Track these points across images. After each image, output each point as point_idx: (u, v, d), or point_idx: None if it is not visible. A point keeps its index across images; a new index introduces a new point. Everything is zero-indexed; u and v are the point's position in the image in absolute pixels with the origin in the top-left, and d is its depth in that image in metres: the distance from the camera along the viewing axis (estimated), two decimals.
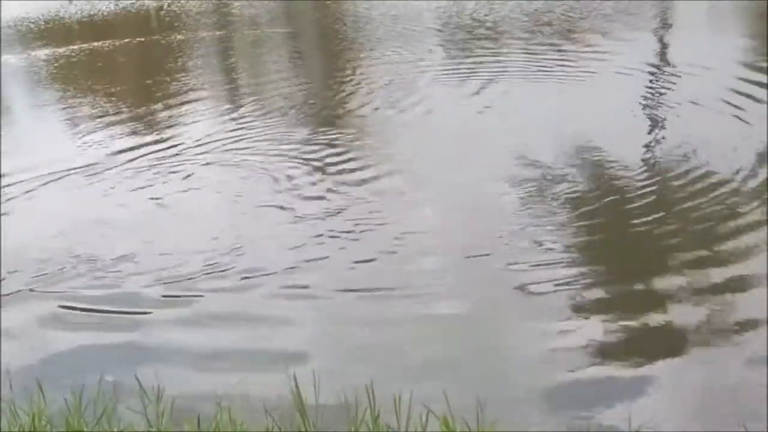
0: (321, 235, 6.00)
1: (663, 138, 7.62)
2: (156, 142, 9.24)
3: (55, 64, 15.85)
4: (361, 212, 6.38)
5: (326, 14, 19.71)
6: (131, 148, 9.04)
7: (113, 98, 12.07)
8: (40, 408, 3.42)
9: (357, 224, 6.14)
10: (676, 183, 6.38)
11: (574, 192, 6.37)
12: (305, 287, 5.25)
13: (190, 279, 5.50)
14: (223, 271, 5.58)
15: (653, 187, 6.34)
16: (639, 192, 6.26)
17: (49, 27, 22.33)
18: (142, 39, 18.18)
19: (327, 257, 5.63)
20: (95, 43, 17.97)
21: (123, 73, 15.13)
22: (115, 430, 3.42)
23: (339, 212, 6.43)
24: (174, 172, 8.01)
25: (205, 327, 4.94)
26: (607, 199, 6.25)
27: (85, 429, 3.39)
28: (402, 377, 3.93)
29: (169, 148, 8.91)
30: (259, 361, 4.46)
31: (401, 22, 16.69)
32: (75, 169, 8.41)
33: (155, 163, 8.37)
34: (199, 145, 8.84)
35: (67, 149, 9.39)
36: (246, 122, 9.77)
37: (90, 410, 3.50)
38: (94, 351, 4.76)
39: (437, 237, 5.83)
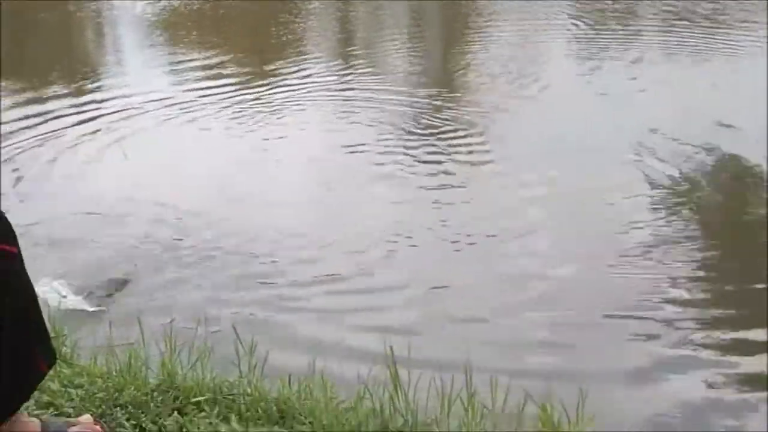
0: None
1: None
2: (261, 96, 9.25)
3: (172, 15, 16.12)
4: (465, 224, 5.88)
5: None
6: (235, 97, 9.12)
7: (225, 48, 12.19)
8: (138, 348, 3.43)
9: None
10: None
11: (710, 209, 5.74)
12: None
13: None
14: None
15: None
16: None
17: None
18: None
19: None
20: None
21: (238, 26, 15.27)
22: (208, 376, 3.41)
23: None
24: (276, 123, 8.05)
25: None
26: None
27: (179, 371, 3.39)
28: None
29: (273, 100, 8.91)
30: None
31: None
32: (175, 113, 8.59)
33: (259, 114, 8.41)
34: (306, 99, 8.85)
35: (169, 92, 9.55)
36: (356, 85, 9.66)
37: (185, 355, 3.50)
38: None
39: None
